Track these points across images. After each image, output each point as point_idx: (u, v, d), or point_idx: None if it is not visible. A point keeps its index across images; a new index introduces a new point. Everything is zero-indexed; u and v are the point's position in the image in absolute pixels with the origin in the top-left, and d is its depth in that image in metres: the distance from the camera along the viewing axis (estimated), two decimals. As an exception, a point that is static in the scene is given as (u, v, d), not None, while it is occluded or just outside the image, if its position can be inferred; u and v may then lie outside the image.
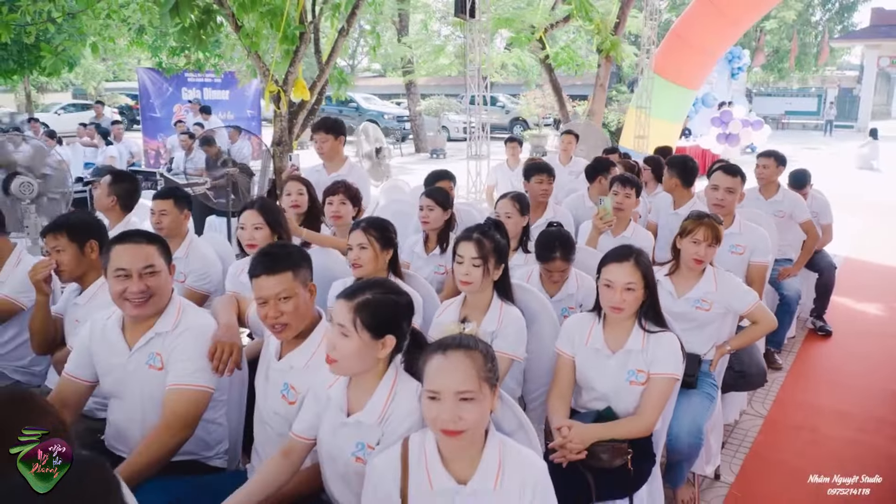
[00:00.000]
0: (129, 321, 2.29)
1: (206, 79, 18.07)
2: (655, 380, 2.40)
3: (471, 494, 1.62)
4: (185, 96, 18.03)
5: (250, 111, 19.14)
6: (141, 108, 17.79)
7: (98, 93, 34.93)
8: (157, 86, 17.45)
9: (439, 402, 1.56)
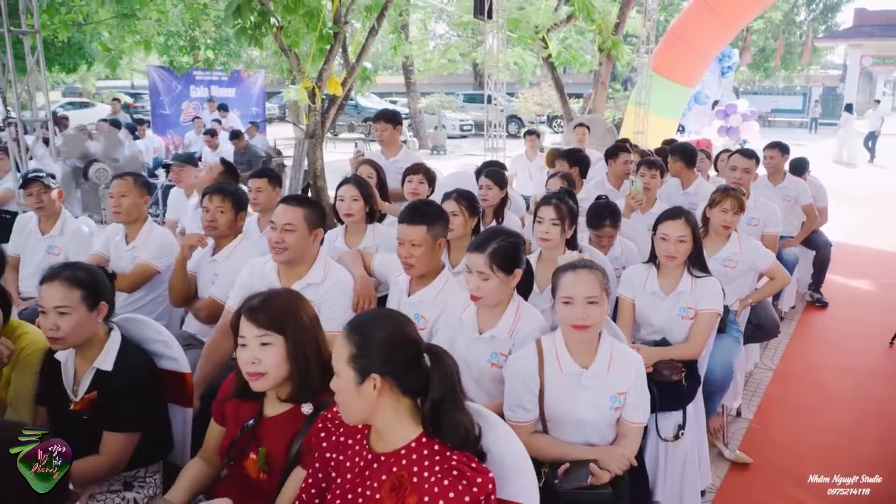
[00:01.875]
0: (283, 268, 2.83)
1: (213, 77, 18.54)
2: (702, 314, 2.99)
3: (591, 376, 2.20)
4: (193, 94, 18.50)
5: (255, 108, 19.64)
6: (151, 105, 18.25)
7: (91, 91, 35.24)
8: (166, 83, 17.89)
9: (572, 306, 2.14)
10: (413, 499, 1.49)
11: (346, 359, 1.54)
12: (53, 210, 4.00)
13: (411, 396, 1.58)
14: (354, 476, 1.61)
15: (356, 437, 1.67)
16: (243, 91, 19.45)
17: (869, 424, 4.03)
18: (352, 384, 1.53)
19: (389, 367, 1.53)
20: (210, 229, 3.30)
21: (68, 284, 2.07)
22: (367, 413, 1.56)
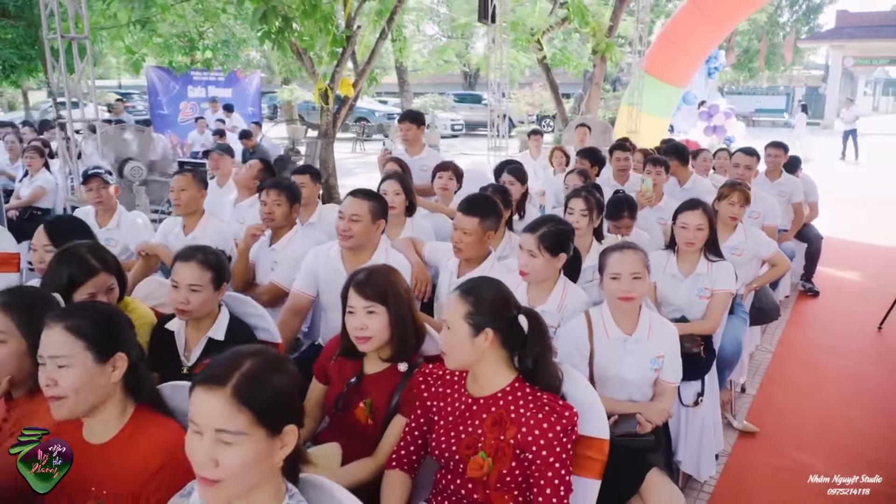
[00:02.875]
0: (347, 254, 3.16)
1: (210, 77, 18.76)
2: (718, 294, 3.35)
3: (634, 342, 2.56)
4: (190, 94, 18.72)
5: (251, 108, 19.87)
6: (150, 105, 18.44)
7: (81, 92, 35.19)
8: (164, 84, 18.08)
9: (619, 280, 2.49)
10: (511, 431, 1.83)
11: (462, 315, 1.87)
12: (111, 205, 4.30)
13: (509, 349, 1.92)
14: (455, 418, 1.94)
15: (453, 385, 2.00)
16: (239, 91, 19.69)
17: (862, 399, 4.42)
18: (466, 336, 1.86)
19: (498, 324, 1.87)
20: (268, 221, 3.62)
21: (202, 266, 2.39)
22: (472, 361, 1.90)
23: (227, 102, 15.17)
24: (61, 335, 1.58)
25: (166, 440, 1.62)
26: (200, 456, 1.22)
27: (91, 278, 2.38)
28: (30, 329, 1.82)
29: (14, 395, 1.89)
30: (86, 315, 1.66)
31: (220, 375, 1.26)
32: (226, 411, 1.22)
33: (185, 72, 17.56)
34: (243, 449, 1.22)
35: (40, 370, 1.58)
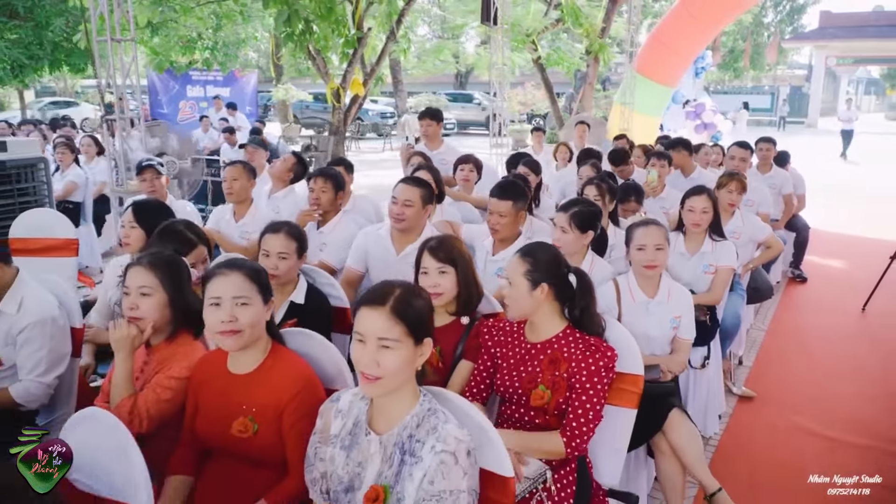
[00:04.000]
0: (396, 234, 3.55)
1: (208, 77, 19.09)
2: (721, 270, 3.77)
3: (656, 304, 2.97)
4: (189, 93, 19.04)
5: (249, 107, 20.21)
6: (150, 104, 18.71)
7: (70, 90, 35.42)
8: (164, 83, 18.37)
9: (644, 251, 2.91)
10: (564, 367, 2.23)
11: (522, 273, 2.27)
12: (162, 193, 4.67)
13: (560, 301, 2.32)
14: (517, 360, 2.34)
15: (513, 334, 2.40)
16: (237, 91, 20.03)
17: (847, 370, 4.86)
18: (526, 290, 2.26)
19: (552, 280, 2.27)
20: (314, 205, 4.01)
21: (288, 237, 2.79)
22: (531, 311, 2.30)
23: (230, 101, 15.43)
24: (243, 279, 1.97)
25: (300, 370, 2.02)
26: (366, 359, 1.61)
27: (192, 250, 2.77)
28: (170, 284, 2.22)
29: (153, 343, 2.27)
30: (253, 265, 2.07)
31: (380, 298, 1.65)
32: (386, 324, 1.62)
33: (184, 72, 17.88)
34: (397, 353, 1.61)
35: (215, 310, 1.96)
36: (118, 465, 1.61)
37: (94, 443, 1.66)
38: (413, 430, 1.63)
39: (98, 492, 1.62)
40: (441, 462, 1.55)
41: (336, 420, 1.75)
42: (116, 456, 1.62)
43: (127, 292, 2.20)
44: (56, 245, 4.55)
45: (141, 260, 2.24)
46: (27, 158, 5.10)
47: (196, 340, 2.30)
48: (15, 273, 2.73)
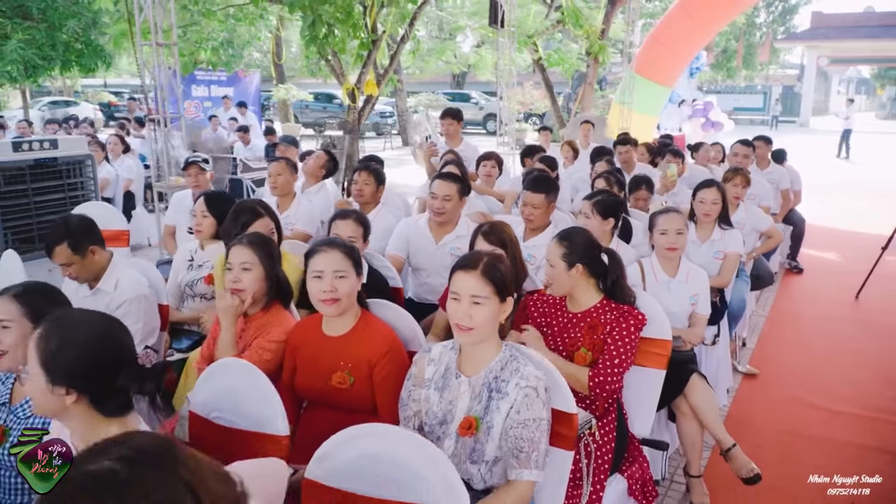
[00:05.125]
0: (433, 224, 3.90)
1: (213, 76, 19.37)
2: (729, 255, 4.14)
3: (676, 283, 3.34)
4: (194, 93, 19.30)
5: (252, 107, 20.48)
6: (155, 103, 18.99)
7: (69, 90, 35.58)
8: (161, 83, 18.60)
9: (666, 235, 3.27)
10: (601, 330, 2.59)
11: (560, 256, 2.63)
12: (207, 187, 5.01)
13: (595, 277, 2.68)
14: (561, 328, 2.70)
15: (555, 306, 2.76)
16: (241, 90, 20.30)
17: (842, 351, 5.25)
18: (564, 270, 2.62)
19: (586, 260, 2.63)
20: (358, 196, 4.37)
21: (356, 223, 3.16)
22: (570, 288, 2.66)
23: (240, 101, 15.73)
24: (341, 256, 2.32)
25: (387, 332, 2.37)
26: (460, 313, 1.96)
27: (258, 219, 3.14)
28: (266, 260, 2.57)
29: (250, 313, 2.62)
30: (348, 244, 2.42)
31: (473, 263, 2.00)
32: (477, 284, 1.97)
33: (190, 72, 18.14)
34: (486, 308, 1.96)
35: (318, 281, 2.30)
36: (255, 401, 1.96)
37: (231, 385, 2.02)
38: (498, 372, 1.99)
39: (242, 426, 1.97)
40: (525, 395, 1.91)
41: (429, 367, 2.11)
42: (253, 394, 1.97)
43: (230, 268, 2.55)
44: (109, 236, 4.84)
45: (241, 239, 2.59)
46: (76, 155, 5.43)
47: (286, 311, 2.65)
48: (110, 257, 3.08)
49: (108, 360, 1.59)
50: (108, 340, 1.61)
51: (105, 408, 1.59)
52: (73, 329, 1.58)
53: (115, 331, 1.65)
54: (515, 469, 1.92)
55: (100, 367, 1.57)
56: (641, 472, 2.63)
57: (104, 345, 1.60)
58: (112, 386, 1.58)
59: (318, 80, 30.32)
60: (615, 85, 22.05)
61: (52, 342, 1.55)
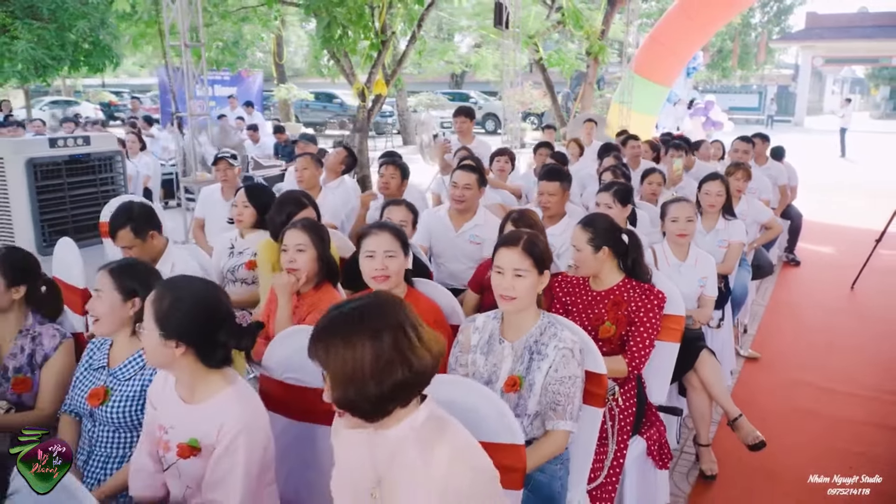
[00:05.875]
0: (454, 214, 4.16)
1: (216, 76, 19.60)
2: (733, 244, 4.41)
3: (686, 267, 3.60)
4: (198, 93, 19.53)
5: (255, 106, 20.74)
6: (161, 103, 19.26)
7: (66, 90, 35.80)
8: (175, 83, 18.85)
9: (677, 223, 3.54)
10: (624, 307, 2.85)
11: (586, 240, 2.89)
12: (234, 182, 5.25)
13: (617, 257, 2.94)
14: (585, 305, 2.96)
15: (579, 286, 3.02)
16: (243, 90, 20.53)
17: (838, 338, 5.52)
18: (590, 254, 2.88)
19: (610, 242, 2.89)
20: (384, 189, 4.62)
21: (408, 209, 3.47)
22: (597, 270, 2.92)
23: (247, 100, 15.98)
24: (390, 237, 2.57)
25: (432, 306, 2.63)
26: (505, 284, 2.22)
27: (302, 210, 3.39)
28: (319, 243, 2.82)
29: (302, 291, 2.87)
30: (397, 227, 2.68)
31: (515, 240, 2.26)
32: (519, 258, 2.22)
33: (196, 71, 18.35)
34: (527, 280, 2.22)
35: (370, 260, 2.56)
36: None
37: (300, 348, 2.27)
38: (538, 336, 2.25)
39: (312, 385, 2.23)
40: (563, 356, 2.17)
41: (474, 335, 2.37)
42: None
43: (285, 249, 2.80)
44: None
45: (296, 224, 2.85)
46: (107, 151, 5.68)
47: (334, 289, 2.91)
48: (166, 242, 3.34)
49: (211, 317, 1.86)
50: (211, 301, 1.88)
51: (209, 360, 1.86)
52: (182, 291, 1.85)
53: (216, 293, 1.92)
54: (553, 420, 2.19)
55: (205, 323, 1.84)
56: (659, 435, 2.89)
57: (208, 305, 1.87)
58: (215, 341, 1.85)
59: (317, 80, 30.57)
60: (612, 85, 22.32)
61: (165, 302, 1.81)
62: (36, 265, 2.62)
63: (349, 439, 1.63)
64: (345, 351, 1.44)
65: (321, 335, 1.48)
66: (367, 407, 1.46)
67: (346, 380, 1.44)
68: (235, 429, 1.84)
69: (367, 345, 1.44)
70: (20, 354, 2.52)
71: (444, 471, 1.46)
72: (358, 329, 1.46)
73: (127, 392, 2.19)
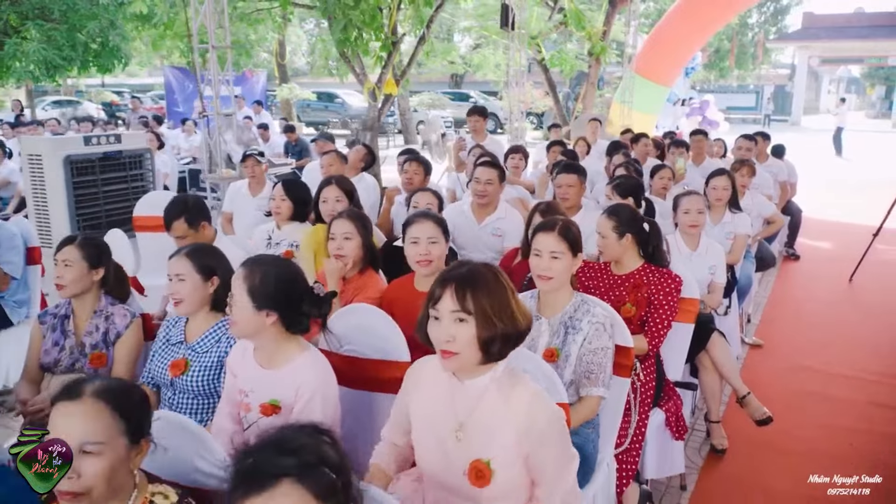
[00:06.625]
0: (476, 207, 4.40)
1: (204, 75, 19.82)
2: (739, 236, 4.67)
3: (696, 256, 3.86)
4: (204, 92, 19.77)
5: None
6: (167, 102, 19.47)
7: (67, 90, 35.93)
8: (179, 82, 19.07)
9: (689, 214, 3.80)
10: (644, 289, 3.10)
11: (611, 228, 3.14)
12: (262, 179, 5.49)
13: (639, 244, 3.19)
14: (607, 288, 3.21)
15: (600, 271, 3.27)
16: (247, 89, 20.71)
17: (837, 327, 5.78)
18: (615, 241, 3.13)
19: (633, 230, 3.14)
20: (407, 185, 4.87)
21: (433, 195, 3.66)
22: (620, 255, 3.17)
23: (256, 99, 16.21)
24: (433, 225, 2.82)
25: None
26: (543, 265, 2.44)
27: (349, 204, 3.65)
28: (365, 231, 3.07)
29: (347, 276, 3.12)
30: (439, 216, 2.93)
31: (551, 225, 2.51)
32: (555, 242, 2.45)
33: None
34: (563, 262, 2.44)
35: (414, 246, 2.80)
36: (381, 335, 2.47)
37: (358, 325, 2.52)
38: (572, 313, 2.50)
39: (370, 356, 2.48)
40: (595, 329, 2.43)
41: (514, 312, 2.62)
42: (379, 329, 2.48)
43: (333, 237, 3.05)
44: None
45: (342, 214, 3.10)
46: (137, 149, 5.92)
47: (376, 274, 3.16)
48: (215, 232, 3.58)
49: (294, 288, 2.11)
50: (292, 275, 2.14)
51: (294, 327, 2.11)
52: (268, 267, 2.10)
53: (295, 268, 2.18)
54: (586, 387, 2.44)
55: (290, 294, 2.09)
56: (676, 408, 3.14)
57: (290, 278, 2.12)
58: (300, 309, 2.10)
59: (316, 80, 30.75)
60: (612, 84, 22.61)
61: (256, 277, 2.06)
62: (109, 251, 2.86)
63: (431, 394, 1.87)
64: (490, 295, 1.69)
65: (465, 284, 1.70)
66: (496, 347, 1.70)
67: (492, 316, 1.67)
68: (311, 389, 2.09)
69: (502, 292, 1.72)
70: (95, 332, 2.77)
71: (525, 411, 1.71)
72: (495, 279, 1.73)
73: (205, 363, 2.44)
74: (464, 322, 1.69)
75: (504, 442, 1.73)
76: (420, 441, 1.91)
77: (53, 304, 2.90)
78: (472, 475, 1.74)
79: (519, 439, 1.72)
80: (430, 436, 1.86)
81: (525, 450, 1.72)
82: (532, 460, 1.74)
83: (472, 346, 1.69)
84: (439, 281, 1.76)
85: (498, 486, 1.74)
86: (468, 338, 1.68)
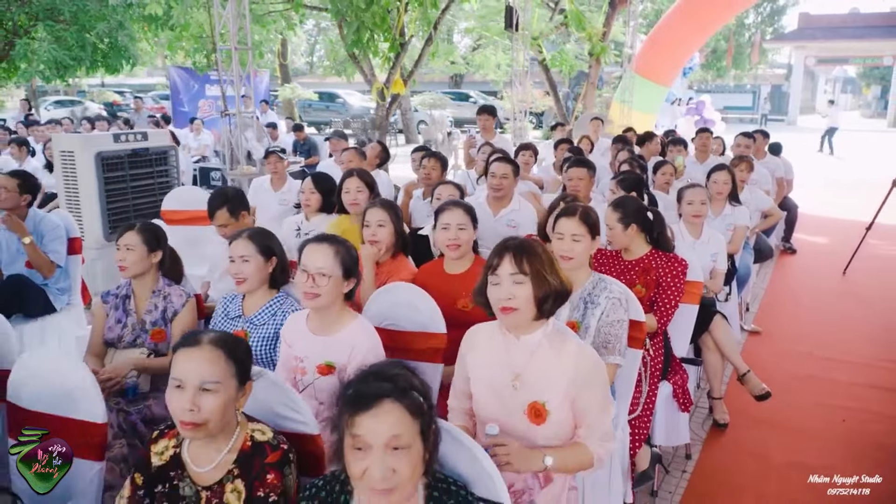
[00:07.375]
0: (492, 200, 4.67)
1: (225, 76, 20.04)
2: (738, 228, 4.94)
3: (699, 244, 4.13)
4: (208, 92, 19.95)
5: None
6: (172, 103, 19.67)
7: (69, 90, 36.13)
8: (185, 83, 19.27)
9: (693, 205, 4.07)
10: (653, 273, 3.37)
11: (617, 219, 3.41)
12: (283, 175, 5.76)
13: (644, 232, 3.46)
14: (618, 273, 3.47)
15: (611, 257, 3.54)
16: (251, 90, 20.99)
17: (832, 317, 6.07)
18: (621, 230, 3.39)
19: (637, 220, 3.41)
20: (426, 180, 5.14)
21: (454, 187, 3.93)
22: (628, 244, 3.44)
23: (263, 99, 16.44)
24: (462, 213, 3.10)
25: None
26: (565, 247, 2.72)
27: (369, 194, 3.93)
28: (397, 219, 3.34)
29: (380, 261, 3.39)
30: (468, 205, 3.20)
31: (573, 211, 2.78)
32: (576, 225, 2.72)
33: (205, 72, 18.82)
34: (583, 244, 2.72)
35: (445, 231, 3.08)
36: (419, 310, 2.75)
37: (398, 301, 2.80)
38: (590, 290, 2.77)
39: (409, 329, 2.75)
40: (612, 304, 2.70)
41: (536, 290, 2.90)
42: (417, 304, 2.75)
43: (367, 225, 3.32)
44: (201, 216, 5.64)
45: (375, 203, 3.37)
46: (163, 146, 6.18)
47: (406, 259, 3.43)
48: (253, 222, 3.85)
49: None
50: None
51: (350, 294, 2.42)
52: (343, 245, 2.40)
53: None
54: (604, 356, 2.70)
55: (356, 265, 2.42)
56: (682, 381, 3.42)
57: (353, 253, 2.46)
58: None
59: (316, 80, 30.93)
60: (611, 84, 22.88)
61: (344, 252, 2.40)
62: (165, 236, 3.13)
63: (487, 352, 2.18)
64: (541, 260, 2.01)
65: (521, 251, 2.02)
66: (549, 304, 2.01)
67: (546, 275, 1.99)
68: (364, 350, 2.37)
69: (549, 258, 2.05)
70: (154, 311, 3.04)
71: (574, 359, 2.04)
72: (542, 248, 2.07)
73: (263, 334, 2.71)
74: (521, 284, 2.00)
75: (557, 387, 2.04)
76: (478, 392, 2.19)
77: (115, 286, 3.16)
78: (532, 414, 2.05)
79: (568, 385, 2.03)
80: (486, 387, 2.16)
81: (573, 394, 2.04)
82: (577, 403, 2.06)
83: (529, 303, 2.01)
84: (496, 251, 2.08)
85: (551, 424, 2.05)
86: (526, 295, 2.00)
